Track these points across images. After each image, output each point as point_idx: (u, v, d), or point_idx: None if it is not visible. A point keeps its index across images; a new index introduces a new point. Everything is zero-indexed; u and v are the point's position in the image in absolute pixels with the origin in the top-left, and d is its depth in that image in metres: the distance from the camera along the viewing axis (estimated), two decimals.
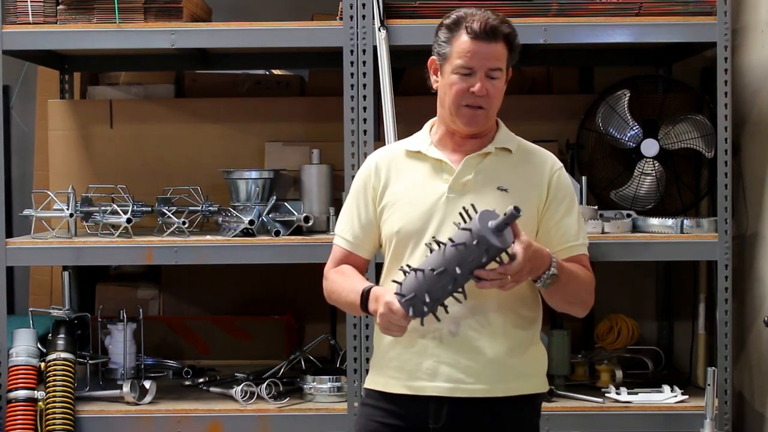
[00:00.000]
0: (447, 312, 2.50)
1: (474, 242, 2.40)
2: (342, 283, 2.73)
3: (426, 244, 2.56)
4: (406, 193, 2.70)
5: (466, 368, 2.62)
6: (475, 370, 2.62)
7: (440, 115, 2.73)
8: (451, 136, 2.72)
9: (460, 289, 2.47)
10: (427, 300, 2.45)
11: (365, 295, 2.61)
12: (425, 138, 2.76)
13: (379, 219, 2.74)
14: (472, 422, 2.63)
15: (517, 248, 2.45)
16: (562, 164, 2.77)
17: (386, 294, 2.54)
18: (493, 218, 2.42)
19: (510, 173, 2.70)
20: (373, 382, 2.74)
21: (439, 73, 2.70)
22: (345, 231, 2.79)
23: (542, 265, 2.54)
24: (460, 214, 2.46)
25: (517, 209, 2.39)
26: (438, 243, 2.47)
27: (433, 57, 2.71)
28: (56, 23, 3.97)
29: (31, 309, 4.23)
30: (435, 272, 2.44)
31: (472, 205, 2.46)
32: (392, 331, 2.55)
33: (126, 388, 3.98)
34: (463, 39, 2.62)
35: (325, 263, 2.83)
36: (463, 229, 2.43)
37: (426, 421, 2.64)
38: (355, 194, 2.80)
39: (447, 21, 2.68)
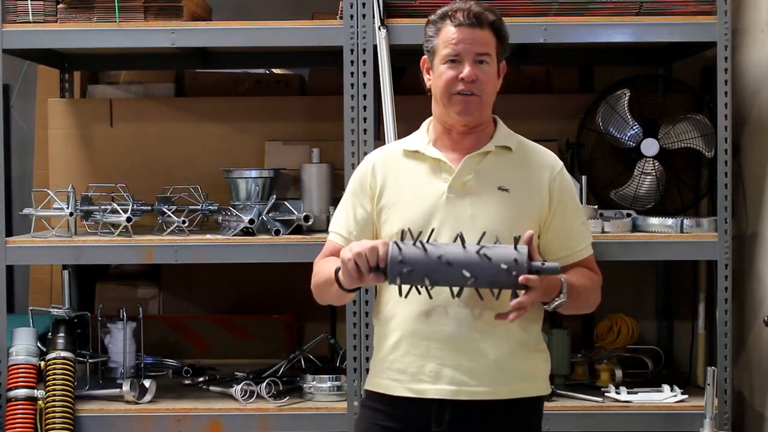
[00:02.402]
0: (401, 296, 2.49)
1: (506, 266, 2.42)
2: (324, 266, 2.70)
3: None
4: (406, 193, 2.69)
5: (470, 370, 2.60)
6: (479, 372, 2.61)
7: (435, 113, 2.73)
8: (448, 134, 2.71)
9: (429, 286, 2.47)
10: (404, 270, 2.45)
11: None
12: (423, 137, 2.75)
13: (377, 219, 2.72)
14: (475, 425, 2.62)
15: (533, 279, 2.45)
16: (562, 163, 2.76)
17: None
18: (532, 260, 2.46)
19: (511, 173, 2.69)
20: (374, 384, 2.72)
21: (431, 71, 2.69)
22: (340, 227, 2.76)
23: (552, 293, 2.56)
24: (515, 238, 2.46)
25: (558, 267, 2.47)
26: (462, 239, 2.47)
27: (424, 57, 2.72)
28: (56, 22, 3.97)
29: (30, 308, 4.23)
30: (443, 261, 2.43)
31: (519, 237, 2.47)
32: (347, 264, 2.47)
33: (126, 387, 3.98)
34: (449, 29, 2.63)
35: None
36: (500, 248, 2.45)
37: (428, 425, 2.62)
38: (351, 193, 2.78)
39: (433, 17, 2.69)
